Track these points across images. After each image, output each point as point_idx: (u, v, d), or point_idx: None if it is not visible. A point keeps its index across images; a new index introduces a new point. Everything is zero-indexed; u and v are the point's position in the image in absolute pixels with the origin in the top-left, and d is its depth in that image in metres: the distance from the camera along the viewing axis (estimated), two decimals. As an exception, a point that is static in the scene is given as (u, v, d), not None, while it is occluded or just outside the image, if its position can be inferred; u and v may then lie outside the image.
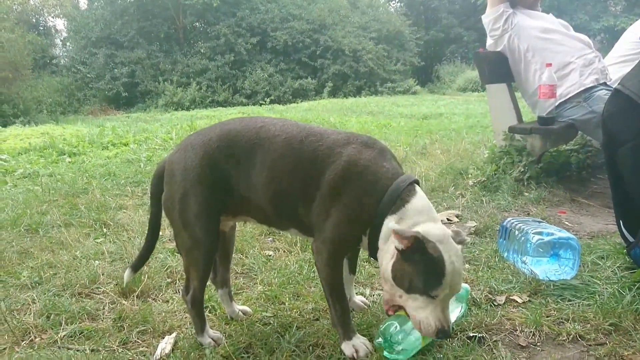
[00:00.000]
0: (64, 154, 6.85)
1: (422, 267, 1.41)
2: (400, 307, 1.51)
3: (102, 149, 7.31)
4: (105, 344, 1.78)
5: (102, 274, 2.38)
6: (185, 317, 1.96)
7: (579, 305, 1.78)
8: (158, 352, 1.70)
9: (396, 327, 1.58)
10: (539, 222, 2.30)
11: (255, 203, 1.66)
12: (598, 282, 1.90)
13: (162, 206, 1.75)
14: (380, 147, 1.62)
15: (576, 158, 4.29)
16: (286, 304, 2.02)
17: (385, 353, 1.57)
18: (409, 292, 1.44)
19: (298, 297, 2.09)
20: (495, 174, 4.06)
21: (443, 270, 1.40)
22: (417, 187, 1.57)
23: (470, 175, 4.24)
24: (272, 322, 1.88)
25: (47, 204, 3.80)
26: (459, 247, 1.47)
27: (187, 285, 1.75)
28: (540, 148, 3.99)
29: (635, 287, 1.78)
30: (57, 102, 18.92)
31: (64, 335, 1.85)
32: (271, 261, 2.53)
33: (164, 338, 1.79)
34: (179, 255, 2.64)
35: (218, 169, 1.63)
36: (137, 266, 1.92)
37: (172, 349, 1.71)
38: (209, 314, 1.98)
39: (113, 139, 7.92)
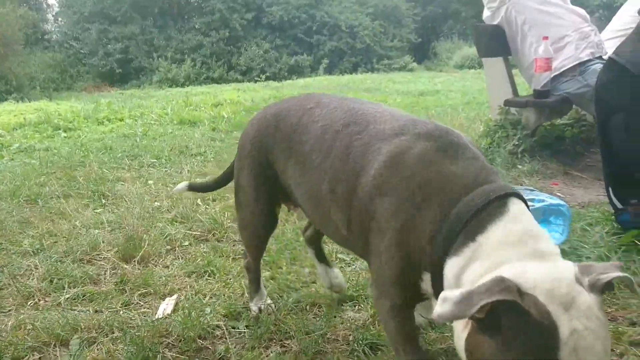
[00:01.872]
0: (59, 129, 6.83)
1: (515, 343, 0.79)
2: None
3: (98, 124, 7.29)
4: (108, 306, 1.83)
5: (103, 242, 2.42)
6: (185, 281, 2.01)
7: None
8: (159, 312, 1.75)
9: None
10: (531, 190, 2.35)
11: (297, 199, 1.43)
12: (586, 246, 1.96)
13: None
14: (448, 140, 1.08)
15: (570, 132, 4.32)
16: (283, 268, 2.08)
17: None
18: None
19: (295, 261, 2.14)
20: (489, 148, 4.11)
21: (556, 347, 0.77)
22: (514, 204, 0.98)
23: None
24: (270, 284, 1.94)
25: (45, 176, 3.83)
26: (594, 300, 0.82)
27: (245, 252, 1.75)
28: (535, 122, 4.03)
29: (621, 250, 1.85)
30: (50, 79, 18.71)
31: (68, 298, 1.90)
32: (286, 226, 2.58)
33: (164, 300, 1.84)
34: (178, 224, 2.69)
35: (265, 150, 1.46)
36: (193, 186, 2.00)
37: (173, 310, 1.77)
38: (209, 278, 2.03)
39: (108, 115, 7.89)
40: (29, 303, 1.88)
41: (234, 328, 1.64)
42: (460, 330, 0.89)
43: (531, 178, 3.49)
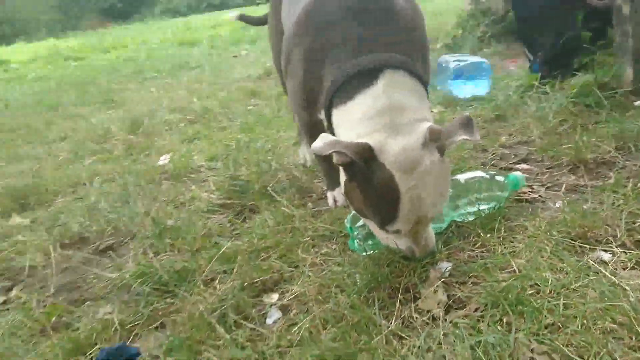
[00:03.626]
0: (70, 60, 7.29)
1: (364, 194, 1.05)
2: None
3: (105, 53, 7.71)
4: (120, 163, 2.37)
5: (113, 128, 2.94)
6: (179, 145, 2.52)
7: (477, 108, 2.29)
8: (160, 162, 2.28)
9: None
10: (467, 55, 2.75)
11: None
12: (499, 93, 2.38)
13: None
14: (368, 4, 1.17)
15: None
16: (256, 131, 2.57)
17: (350, 242, 1.28)
18: (366, 218, 1.13)
19: (267, 126, 2.62)
20: (461, 37, 4.41)
21: (396, 201, 1.02)
22: (386, 76, 1.09)
23: (438, 40, 4.60)
24: (246, 141, 2.41)
25: (61, 92, 4.34)
26: (436, 160, 1.03)
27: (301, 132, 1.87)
28: (504, 7, 4.30)
29: (518, 91, 2.26)
30: (55, 20, 18.87)
31: (89, 162, 2.44)
32: (252, 111, 3.05)
33: (162, 155, 2.36)
34: (176, 111, 3.19)
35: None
36: (244, 16, 2.31)
37: (169, 161, 2.29)
38: (197, 142, 2.54)
39: (114, 43, 8.28)
40: (61, 167, 2.43)
41: (212, 167, 2.15)
42: (343, 180, 1.12)
43: (492, 57, 3.83)
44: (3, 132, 3.22)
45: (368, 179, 1.02)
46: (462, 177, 1.37)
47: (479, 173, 1.38)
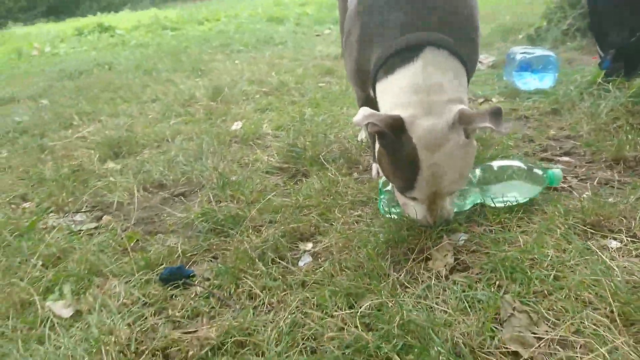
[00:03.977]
0: (167, 29, 7.86)
1: (391, 161, 1.18)
2: None
3: (198, 24, 8.22)
4: (199, 125, 2.66)
5: (198, 95, 3.26)
6: (252, 114, 2.77)
7: (536, 101, 2.32)
8: (233, 127, 2.54)
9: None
10: (537, 48, 2.75)
11: None
12: (562, 87, 2.39)
13: None
14: None
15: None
16: (322, 106, 2.75)
17: (378, 204, 1.43)
18: (391, 182, 1.27)
19: (334, 103, 2.80)
20: (545, 28, 4.30)
21: (416, 173, 1.14)
22: (426, 54, 1.17)
23: (521, 31, 4.52)
24: (311, 114, 2.62)
25: (157, 59, 4.78)
26: (462, 143, 1.12)
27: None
28: (594, 0, 4.13)
29: (581, 87, 2.26)
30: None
31: (173, 123, 2.77)
32: (322, 88, 3.25)
33: (236, 122, 2.63)
34: (255, 84, 3.46)
35: None
36: None
37: (241, 127, 2.55)
38: (268, 112, 2.78)
39: (207, 16, 8.78)
40: (150, 125, 2.78)
41: (277, 136, 2.38)
42: (377, 147, 1.24)
43: (575, 52, 3.73)
44: (107, 91, 3.66)
45: (396, 148, 1.14)
46: (497, 163, 1.44)
47: (517, 163, 1.44)
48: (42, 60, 5.85)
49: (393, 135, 1.12)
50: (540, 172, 1.42)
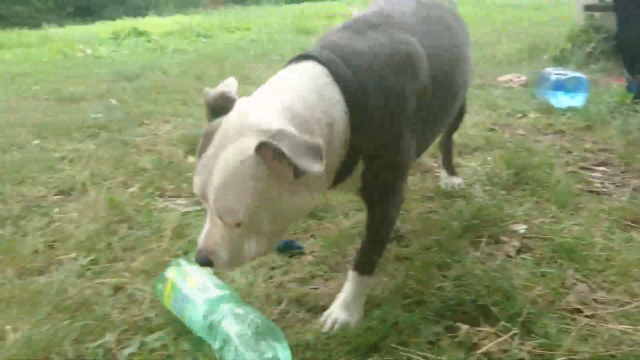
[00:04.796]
0: (200, 36, 8.20)
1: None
2: None
3: (230, 33, 8.56)
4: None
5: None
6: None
7: (570, 117, 2.60)
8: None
9: None
10: (568, 70, 3.03)
11: None
12: (593, 106, 2.67)
13: None
14: (361, 23, 1.20)
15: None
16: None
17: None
18: None
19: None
20: (571, 50, 4.57)
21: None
22: (295, 68, 1.14)
23: (546, 52, 4.81)
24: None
25: (203, 65, 5.09)
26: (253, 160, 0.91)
27: None
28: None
29: (610, 106, 2.54)
30: (179, -5, 20.54)
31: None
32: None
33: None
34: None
35: None
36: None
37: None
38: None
39: (237, 25, 9.13)
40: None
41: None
42: None
43: (599, 74, 4.01)
44: (164, 94, 3.96)
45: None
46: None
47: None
48: (88, 62, 6.16)
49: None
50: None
